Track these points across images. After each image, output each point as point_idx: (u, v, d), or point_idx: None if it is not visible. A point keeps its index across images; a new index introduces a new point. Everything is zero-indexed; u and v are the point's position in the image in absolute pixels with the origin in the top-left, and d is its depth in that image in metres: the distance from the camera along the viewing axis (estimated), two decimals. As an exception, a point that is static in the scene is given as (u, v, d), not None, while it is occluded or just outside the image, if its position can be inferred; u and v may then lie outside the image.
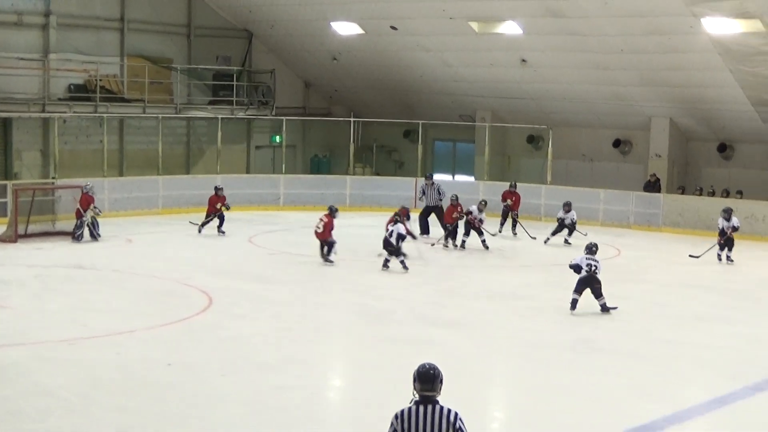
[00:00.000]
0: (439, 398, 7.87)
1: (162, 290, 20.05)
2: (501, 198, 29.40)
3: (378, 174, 38.43)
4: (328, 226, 23.22)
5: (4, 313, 17.66)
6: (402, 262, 22.30)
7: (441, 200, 28.62)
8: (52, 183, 29.82)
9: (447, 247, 26.03)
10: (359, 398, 13.59)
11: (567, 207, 27.42)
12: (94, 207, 26.06)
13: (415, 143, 36.06)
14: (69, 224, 26.36)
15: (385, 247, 22.56)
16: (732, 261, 25.16)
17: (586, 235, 26.54)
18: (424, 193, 29.16)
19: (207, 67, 36.81)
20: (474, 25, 32.16)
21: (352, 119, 36.60)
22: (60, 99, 32.70)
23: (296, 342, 16.27)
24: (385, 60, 36.05)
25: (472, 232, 26.18)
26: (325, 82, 40.06)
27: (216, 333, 16.61)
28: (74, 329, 16.55)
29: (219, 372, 14.14)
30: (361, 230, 24.73)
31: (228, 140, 35.66)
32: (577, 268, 18.49)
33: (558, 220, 27.62)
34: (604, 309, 18.35)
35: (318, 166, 39.59)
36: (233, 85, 36.48)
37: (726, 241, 25.26)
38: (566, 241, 27.35)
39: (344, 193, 33.94)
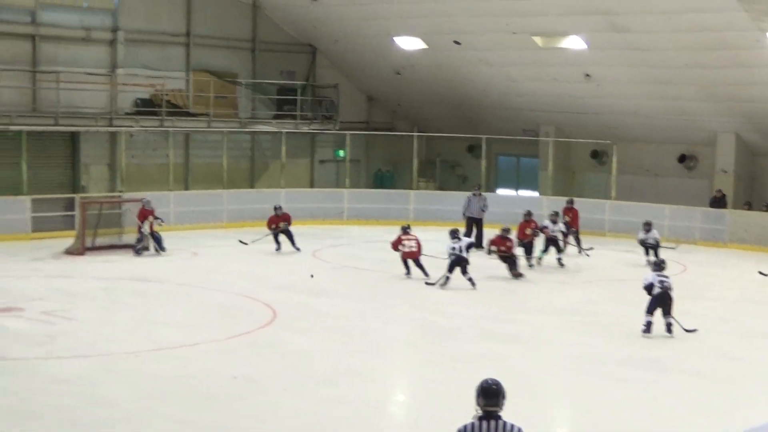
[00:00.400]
0: (501, 413, 7.87)
1: (226, 304, 20.20)
2: (562, 213, 29.02)
3: (441, 189, 38.39)
4: (419, 245, 23.33)
5: (72, 325, 17.89)
6: (470, 279, 22.15)
7: (484, 212, 28.85)
8: (119, 196, 30.15)
9: (532, 266, 25.32)
10: (421, 413, 13.59)
11: (647, 227, 26.48)
12: (155, 219, 26.23)
13: (479, 158, 35.98)
14: (135, 237, 26.64)
15: (456, 265, 22.26)
16: None
17: (675, 248, 26.26)
18: (468, 205, 29.19)
19: (271, 81, 37.05)
20: (537, 40, 32.08)
21: (415, 134, 36.61)
22: (127, 113, 33.08)
23: (359, 356, 16.30)
24: (448, 75, 36.06)
25: (552, 248, 25.78)
26: (389, 97, 40.14)
27: (279, 347, 16.70)
28: (139, 342, 16.73)
29: (282, 386, 14.21)
30: (425, 245, 24.68)
31: (292, 154, 35.84)
32: (650, 287, 17.98)
33: (639, 242, 26.53)
34: (669, 329, 17.94)
35: (382, 180, 39.65)
36: (297, 99, 36.67)
37: None
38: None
39: (407, 208, 33.97)
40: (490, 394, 7.88)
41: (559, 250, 25.81)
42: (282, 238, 27.04)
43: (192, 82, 34.98)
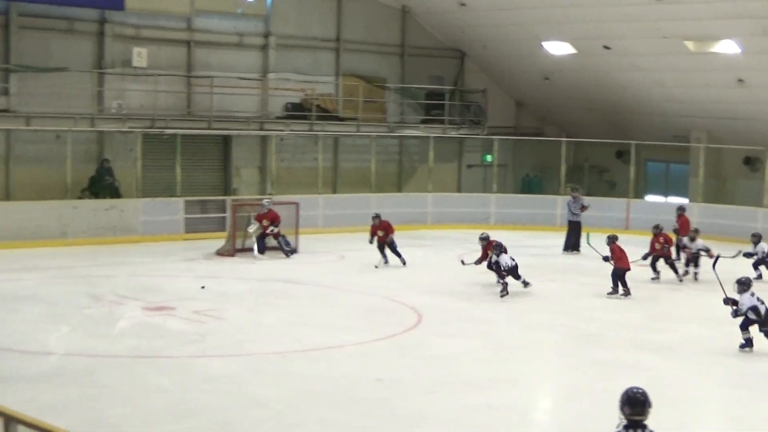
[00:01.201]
0: (647, 423, 7.84)
1: (372, 307, 20.40)
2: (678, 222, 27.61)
3: (589, 194, 37.99)
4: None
5: (222, 324, 18.29)
6: (504, 284, 21.69)
7: (580, 214, 28.69)
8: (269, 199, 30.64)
9: (656, 279, 24.30)
10: (566, 420, 13.54)
11: (756, 238, 25.11)
12: (268, 223, 26.28)
13: (627, 164, 35.53)
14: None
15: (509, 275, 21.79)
16: None
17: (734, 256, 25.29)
18: (569, 208, 29.14)
19: (420, 86, 37.24)
20: (689, 45, 31.58)
21: (563, 139, 36.36)
22: (277, 117, 33.67)
23: (504, 361, 16.31)
24: (598, 80, 35.74)
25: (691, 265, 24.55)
26: (537, 102, 39.97)
27: (424, 350, 16.79)
28: (287, 342, 17.02)
29: (427, 389, 14.29)
30: (573, 251, 24.62)
31: (439, 159, 35.96)
32: (755, 310, 16.83)
33: (746, 255, 24.77)
34: None
35: (529, 185, 39.46)
36: (445, 104, 36.79)
37: None
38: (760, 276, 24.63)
39: (554, 213, 33.75)
40: (637, 403, 7.87)
41: (697, 266, 24.42)
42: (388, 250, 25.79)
43: (341, 86, 35.40)
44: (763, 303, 16.86)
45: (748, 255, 24.80)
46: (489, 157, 37.81)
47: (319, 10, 35.38)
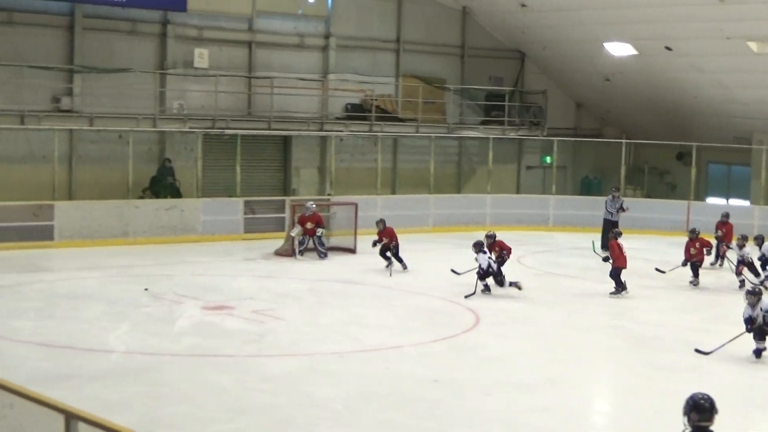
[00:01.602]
0: (713, 429, 7.83)
1: (430, 308, 20.43)
2: (714, 228, 27.43)
3: (649, 196, 37.81)
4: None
5: (280, 324, 18.41)
6: (485, 285, 21.53)
7: (616, 214, 28.92)
8: (328, 200, 30.78)
9: (694, 284, 23.68)
10: (622, 424, 13.49)
11: (759, 240, 24.32)
12: (312, 226, 26.29)
13: (688, 165, 35.23)
14: (343, 240, 27.22)
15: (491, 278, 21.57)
16: None
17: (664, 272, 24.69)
18: (606, 206, 29.22)
19: (479, 87, 37.22)
20: (752, 45, 31.27)
21: (623, 140, 36.13)
22: (337, 118, 33.81)
23: (559, 363, 16.27)
24: (659, 81, 35.50)
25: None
26: (597, 103, 39.79)
27: (481, 351, 16.81)
28: (345, 343, 17.10)
29: (483, 390, 14.31)
30: (630, 253, 24.41)
31: (499, 160, 35.90)
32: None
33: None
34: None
35: (588, 187, 39.28)
36: (505, 105, 36.73)
37: None
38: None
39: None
40: (703, 409, 7.86)
41: (757, 274, 23.80)
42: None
43: (401, 87, 35.47)
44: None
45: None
46: (548, 159, 37.71)
47: (379, 11, 35.50)
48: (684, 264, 23.79)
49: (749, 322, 16.37)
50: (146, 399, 13.23)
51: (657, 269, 24.71)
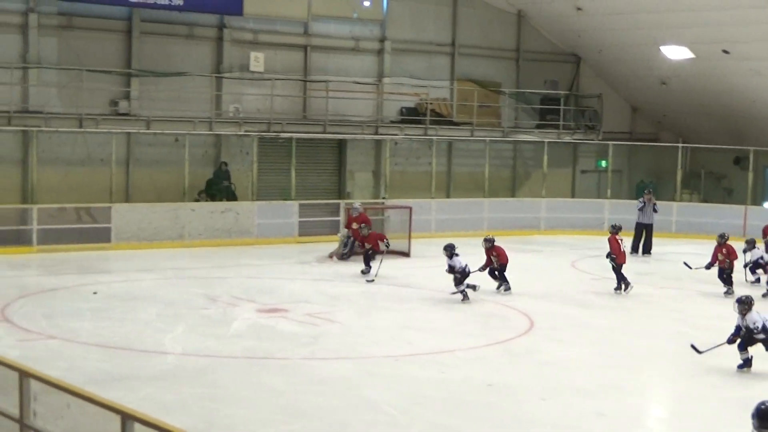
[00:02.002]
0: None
1: (484, 311, 20.39)
2: (762, 233, 27.10)
3: (706, 201, 37.49)
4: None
5: (334, 327, 18.46)
6: (462, 292, 21.08)
7: (652, 216, 29.10)
8: (382, 203, 30.85)
9: (729, 293, 22.79)
10: (679, 431, 13.38)
11: (749, 245, 24.03)
12: (358, 227, 26.16)
13: (746, 170, 34.93)
14: (397, 243, 27.19)
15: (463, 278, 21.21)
16: None
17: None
18: (642, 209, 29.24)
19: (535, 91, 37.11)
20: (812, 50, 30.99)
21: (680, 144, 35.88)
22: (392, 122, 33.86)
23: (617, 369, 16.17)
24: (716, 85, 35.20)
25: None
26: (653, 107, 39.51)
27: (536, 356, 16.74)
28: (399, 346, 17.11)
29: (538, 395, 14.25)
30: (686, 258, 24.26)
31: (553, 164, 35.79)
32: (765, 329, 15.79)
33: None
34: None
35: (644, 191, 38.94)
36: (560, 109, 36.60)
37: None
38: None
39: (669, 220, 33.30)
40: (765, 417, 7.82)
41: None
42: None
43: (456, 91, 35.45)
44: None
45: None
46: (603, 163, 37.51)
47: (434, 15, 35.51)
48: (707, 267, 23.43)
49: (737, 331, 15.82)
50: (202, 401, 13.32)
51: (685, 263, 24.37)
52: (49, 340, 16.57)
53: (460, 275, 21.05)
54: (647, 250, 29.20)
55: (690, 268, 24.09)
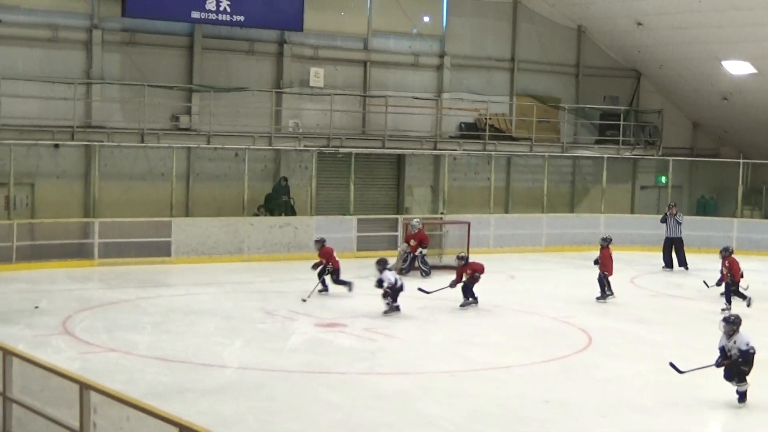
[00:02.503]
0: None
1: (541, 327, 20.33)
2: None
3: (767, 217, 37.10)
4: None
5: (392, 342, 18.49)
6: (388, 305, 20.95)
7: (680, 231, 29.08)
8: (440, 218, 30.85)
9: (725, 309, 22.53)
10: (738, 449, 13.27)
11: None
12: (416, 243, 26.42)
13: (809, 187, 34.57)
14: (455, 260, 27.15)
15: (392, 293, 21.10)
16: None
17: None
18: (664, 221, 29.16)
19: (594, 106, 36.96)
20: None
21: (741, 160, 35.55)
22: (451, 137, 33.90)
23: (676, 386, 16.01)
24: (779, 100, 34.91)
25: None
26: (715, 123, 39.19)
27: (594, 373, 16.67)
28: (455, 361, 17.11)
29: (596, 412, 14.18)
30: (750, 276, 23.99)
31: (613, 179, 35.62)
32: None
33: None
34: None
35: (704, 207, 38.68)
36: (620, 124, 36.39)
37: None
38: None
39: (730, 236, 32.95)
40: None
41: None
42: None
43: (515, 106, 35.41)
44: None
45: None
46: (663, 179, 37.26)
47: (494, 30, 35.52)
48: (718, 283, 23.19)
49: (723, 353, 14.94)
50: (260, 414, 13.40)
51: (705, 282, 24.08)
52: (110, 353, 16.75)
53: (390, 290, 20.95)
54: (683, 263, 28.95)
55: (708, 286, 23.79)
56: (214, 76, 30.43)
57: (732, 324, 14.73)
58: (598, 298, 23.04)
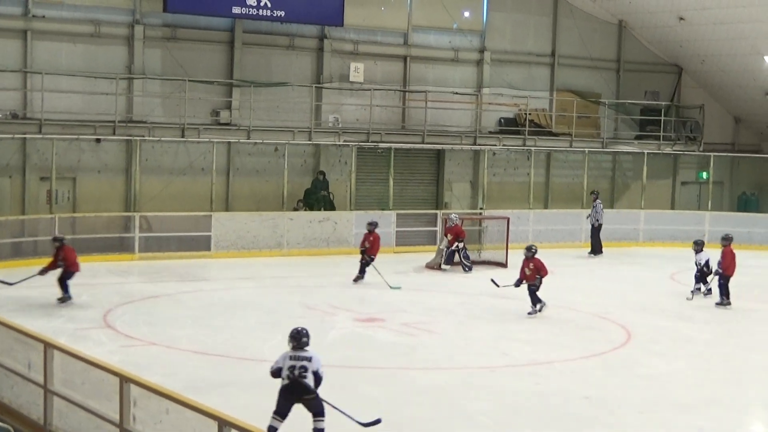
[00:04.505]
0: None
1: (581, 323, 20.27)
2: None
3: (807, 214, 36.78)
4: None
5: (431, 337, 18.49)
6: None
7: (598, 221, 30.07)
8: (480, 214, 30.81)
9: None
10: (780, 447, 13.18)
11: (698, 246, 23.63)
12: (452, 237, 26.37)
13: None
14: (495, 254, 27.17)
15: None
16: None
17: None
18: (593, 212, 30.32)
19: (635, 102, 36.76)
20: None
21: (784, 156, 35.30)
22: (490, 132, 33.82)
23: (717, 383, 15.96)
24: (822, 96, 34.61)
25: None
26: (756, 118, 38.87)
27: (634, 369, 16.60)
28: (495, 357, 17.10)
29: (636, 409, 14.13)
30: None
31: (653, 175, 35.43)
32: None
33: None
34: None
35: (746, 203, 38.37)
36: (661, 120, 36.19)
37: None
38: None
39: (772, 233, 32.78)
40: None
41: None
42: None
43: (555, 101, 35.29)
44: None
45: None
46: (704, 174, 37.00)
47: (534, 26, 35.41)
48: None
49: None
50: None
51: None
52: (150, 347, 16.87)
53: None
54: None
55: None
56: (255, 71, 30.52)
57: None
58: (717, 304, 22.09)
